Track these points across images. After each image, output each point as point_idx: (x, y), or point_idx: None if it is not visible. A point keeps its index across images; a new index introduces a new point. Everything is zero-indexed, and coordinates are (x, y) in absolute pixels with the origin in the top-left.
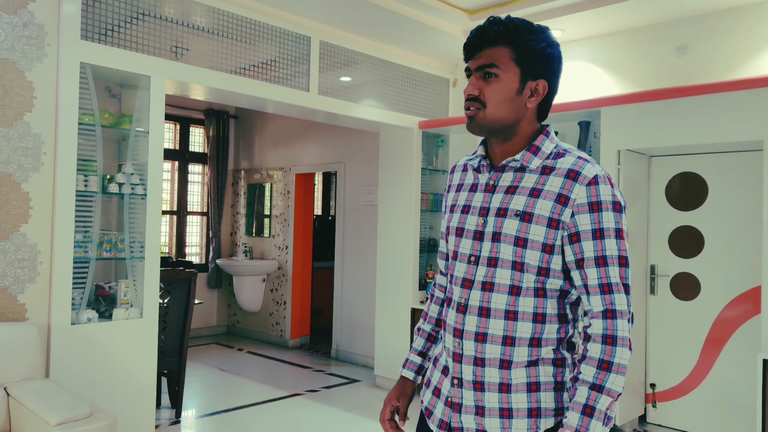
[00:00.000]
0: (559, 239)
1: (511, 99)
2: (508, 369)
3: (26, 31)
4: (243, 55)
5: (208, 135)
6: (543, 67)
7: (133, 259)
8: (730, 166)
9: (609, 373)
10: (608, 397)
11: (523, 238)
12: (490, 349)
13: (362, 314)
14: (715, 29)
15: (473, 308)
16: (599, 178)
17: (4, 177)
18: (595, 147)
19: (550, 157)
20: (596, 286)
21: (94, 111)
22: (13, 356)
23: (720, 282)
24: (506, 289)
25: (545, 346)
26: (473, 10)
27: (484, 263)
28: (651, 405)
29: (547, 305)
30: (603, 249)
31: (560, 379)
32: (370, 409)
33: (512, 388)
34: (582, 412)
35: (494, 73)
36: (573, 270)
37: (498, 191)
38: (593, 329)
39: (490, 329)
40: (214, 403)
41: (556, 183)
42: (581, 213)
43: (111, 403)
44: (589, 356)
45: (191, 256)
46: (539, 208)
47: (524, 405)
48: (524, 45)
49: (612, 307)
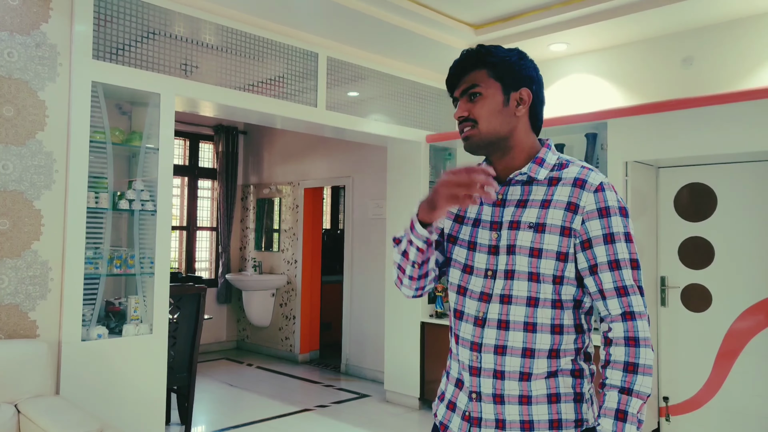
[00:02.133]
0: (572, 247)
1: (500, 111)
2: (528, 381)
3: (39, 51)
4: (251, 71)
5: (218, 151)
6: (521, 77)
7: (143, 275)
8: (738, 176)
9: (636, 375)
10: (638, 399)
11: (537, 249)
12: (510, 362)
13: (372, 328)
14: (720, 41)
15: (492, 321)
16: (604, 185)
17: (17, 195)
18: (603, 159)
19: (555, 168)
20: (612, 290)
21: (105, 129)
22: (24, 373)
23: (731, 293)
24: (524, 301)
25: (564, 357)
26: (479, 25)
27: (501, 276)
28: (664, 419)
29: (564, 316)
30: (615, 253)
31: (579, 390)
32: (380, 424)
33: (533, 399)
34: (615, 417)
35: (478, 92)
36: (587, 277)
37: (508, 205)
38: (614, 333)
39: (509, 342)
40: (223, 419)
41: (565, 192)
42: (591, 219)
43: (121, 419)
44: (614, 360)
45: (201, 271)
46: (551, 218)
47: (545, 417)
48: (498, 62)
49: (630, 309)
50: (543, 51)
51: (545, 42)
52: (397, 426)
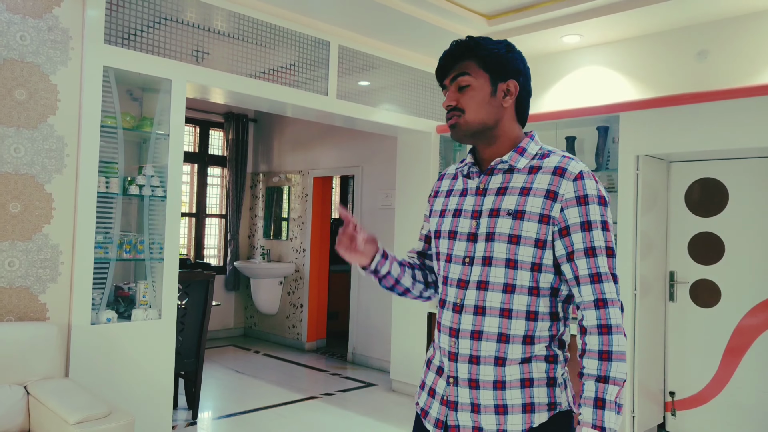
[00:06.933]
0: (550, 234)
1: (488, 101)
2: (503, 366)
3: (51, 35)
4: (262, 59)
5: (228, 138)
6: (509, 68)
7: (152, 261)
8: (750, 171)
9: (610, 362)
10: (615, 386)
11: (516, 236)
12: (485, 347)
13: (378, 318)
14: (735, 34)
15: (469, 307)
16: (584, 173)
17: (28, 178)
18: (614, 152)
19: (536, 158)
20: (587, 276)
21: (116, 114)
22: (34, 355)
23: (741, 289)
24: (500, 287)
25: (538, 344)
26: (492, 15)
27: (479, 263)
28: (670, 413)
29: (539, 303)
30: (591, 240)
31: (552, 375)
32: (385, 413)
33: (507, 385)
34: (594, 405)
35: (467, 82)
36: (564, 263)
37: (489, 194)
38: (587, 321)
39: (485, 327)
40: (230, 405)
41: (544, 180)
42: (570, 207)
43: (129, 403)
44: (589, 350)
45: (209, 258)
46: (530, 206)
47: (518, 401)
48: (487, 54)
49: (603, 297)
50: (556, 43)
51: (558, 33)
52: (402, 415)
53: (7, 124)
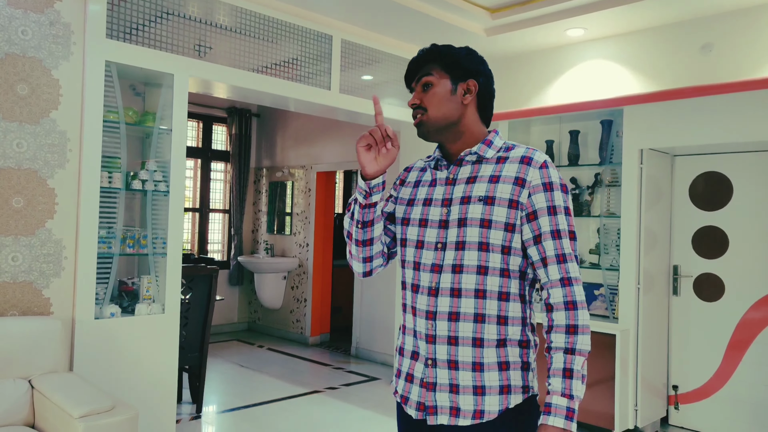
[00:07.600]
0: (518, 219)
1: (448, 99)
2: (480, 347)
3: (53, 29)
4: (265, 53)
5: (231, 133)
6: (468, 69)
7: (156, 255)
8: (755, 165)
9: (576, 335)
10: (580, 356)
11: (488, 220)
12: (463, 328)
13: (382, 312)
14: (740, 27)
15: (445, 290)
16: (548, 163)
17: (31, 173)
18: (618, 146)
19: (502, 150)
20: (553, 257)
21: (118, 109)
22: (38, 350)
23: (744, 283)
24: (474, 269)
25: (512, 326)
26: (495, 9)
27: (452, 248)
28: (673, 407)
29: (510, 285)
30: (557, 224)
31: (526, 359)
32: (389, 407)
33: (485, 367)
34: (563, 375)
35: (430, 82)
36: (530, 246)
37: (459, 183)
38: (554, 298)
39: (462, 308)
40: (234, 399)
41: (513, 169)
42: (537, 193)
43: (133, 397)
44: (557, 324)
45: (213, 252)
46: (500, 192)
47: (496, 383)
48: (448, 58)
49: (568, 275)
50: (560, 36)
51: (562, 27)
52: None
53: (9, 119)
